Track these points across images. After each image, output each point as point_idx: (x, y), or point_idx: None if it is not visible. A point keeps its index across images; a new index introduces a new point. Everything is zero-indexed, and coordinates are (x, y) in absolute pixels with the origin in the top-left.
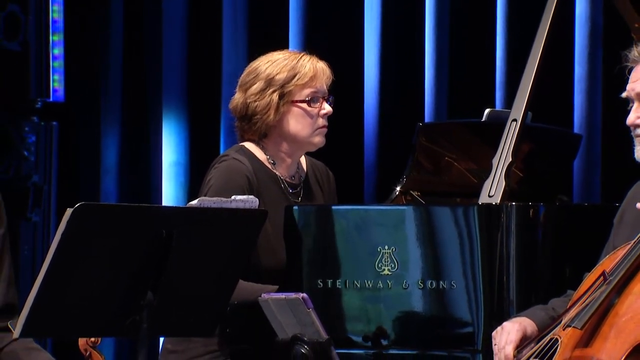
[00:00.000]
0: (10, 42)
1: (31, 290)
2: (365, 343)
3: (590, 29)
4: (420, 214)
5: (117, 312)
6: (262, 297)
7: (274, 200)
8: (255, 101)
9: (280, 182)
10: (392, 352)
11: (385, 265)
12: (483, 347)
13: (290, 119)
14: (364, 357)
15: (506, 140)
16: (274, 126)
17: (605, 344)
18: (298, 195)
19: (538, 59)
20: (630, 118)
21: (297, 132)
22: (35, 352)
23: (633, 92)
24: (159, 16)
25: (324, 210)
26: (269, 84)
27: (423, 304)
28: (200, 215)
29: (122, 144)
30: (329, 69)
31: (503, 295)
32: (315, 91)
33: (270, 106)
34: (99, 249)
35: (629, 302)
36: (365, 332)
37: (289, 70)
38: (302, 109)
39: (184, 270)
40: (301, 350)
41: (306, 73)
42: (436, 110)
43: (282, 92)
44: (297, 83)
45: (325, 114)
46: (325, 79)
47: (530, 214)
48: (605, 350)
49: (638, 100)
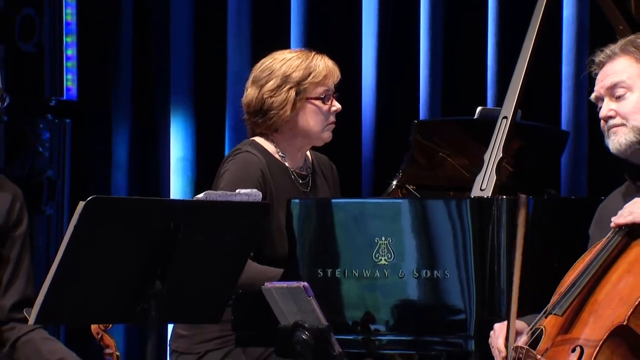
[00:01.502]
0: (26, 44)
1: (45, 279)
2: (363, 329)
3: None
4: (416, 206)
5: (127, 300)
6: (265, 286)
7: (286, 191)
8: (271, 97)
9: (290, 174)
10: (388, 338)
11: (382, 256)
12: (475, 333)
13: (304, 115)
14: (362, 342)
15: (497, 137)
16: (288, 121)
17: (585, 329)
18: (307, 185)
19: (527, 59)
20: (602, 112)
21: (310, 128)
22: (51, 342)
23: (602, 89)
24: (167, 19)
25: (323, 204)
26: (285, 81)
27: (418, 292)
28: (207, 208)
29: (132, 140)
30: (337, 69)
31: (494, 284)
32: (327, 89)
33: (287, 102)
34: (109, 240)
35: (607, 290)
36: (363, 319)
37: (304, 68)
38: (316, 105)
39: (190, 260)
40: (302, 336)
41: (320, 72)
42: (430, 109)
43: (299, 89)
44: (312, 81)
45: (335, 111)
46: (335, 78)
47: None
48: (585, 335)
49: (607, 96)
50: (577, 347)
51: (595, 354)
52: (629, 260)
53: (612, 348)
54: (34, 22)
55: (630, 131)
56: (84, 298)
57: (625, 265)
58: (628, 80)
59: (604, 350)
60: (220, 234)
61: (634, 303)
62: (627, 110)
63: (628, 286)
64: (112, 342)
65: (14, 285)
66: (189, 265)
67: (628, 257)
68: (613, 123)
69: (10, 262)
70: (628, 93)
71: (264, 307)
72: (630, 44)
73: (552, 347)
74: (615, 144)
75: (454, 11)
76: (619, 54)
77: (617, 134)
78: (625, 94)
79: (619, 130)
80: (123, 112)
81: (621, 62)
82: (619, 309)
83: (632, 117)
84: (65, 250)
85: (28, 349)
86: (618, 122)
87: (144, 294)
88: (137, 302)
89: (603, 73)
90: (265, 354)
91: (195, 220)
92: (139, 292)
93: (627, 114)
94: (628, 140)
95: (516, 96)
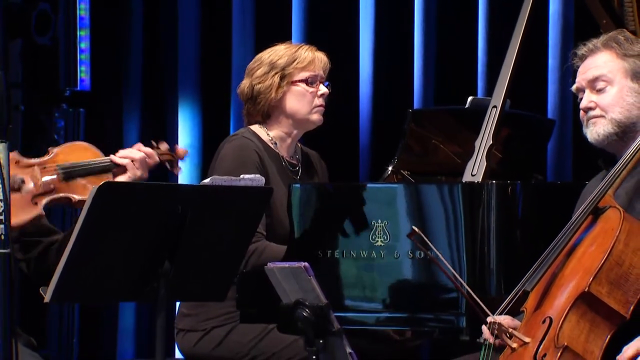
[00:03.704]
0: (41, 38)
1: (60, 260)
2: (360, 307)
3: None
4: (410, 191)
5: (137, 279)
6: (268, 267)
7: (277, 176)
8: (259, 83)
9: (281, 161)
10: (384, 315)
11: (378, 237)
12: (466, 311)
13: (290, 98)
14: (359, 319)
15: (487, 125)
16: (276, 106)
17: (554, 302)
18: (297, 174)
19: (515, 52)
20: (582, 103)
21: (297, 110)
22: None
23: (584, 81)
24: (175, 16)
25: (323, 188)
26: (271, 67)
27: (412, 272)
28: (213, 193)
29: (142, 128)
30: (326, 58)
31: (484, 264)
32: (313, 74)
33: (272, 86)
34: (121, 223)
35: (573, 265)
36: (361, 297)
37: (289, 55)
38: (301, 87)
39: (197, 242)
40: (303, 314)
41: (305, 58)
42: (424, 98)
43: (283, 74)
44: (296, 66)
45: (322, 95)
46: (322, 66)
47: (509, 192)
48: (553, 306)
49: (588, 88)
50: (547, 317)
51: (561, 321)
52: (593, 235)
53: (578, 315)
54: (49, 17)
55: (609, 123)
56: (97, 278)
57: (590, 240)
58: (609, 74)
59: (570, 317)
60: (225, 217)
61: (594, 271)
62: (607, 102)
63: (590, 258)
64: None
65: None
66: (196, 247)
67: (592, 233)
68: (593, 114)
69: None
70: (608, 87)
71: (267, 286)
72: (612, 39)
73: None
74: (594, 134)
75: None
76: (600, 48)
77: (596, 125)
78: (606, 87)
79: (598, 121)
80: (133, 102)
81: (603, 57)
82: (582, 279)
83: (611, 110)
84: (79, 233)
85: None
86: (597, 113)
87: (153, 274)
88: (147, 282)
89: (585, 66)
90: (267, 330)
91: (202, 204)
92: (148, 272)
93: (607, 106)
94: (606, 131)
95: (505, 87)
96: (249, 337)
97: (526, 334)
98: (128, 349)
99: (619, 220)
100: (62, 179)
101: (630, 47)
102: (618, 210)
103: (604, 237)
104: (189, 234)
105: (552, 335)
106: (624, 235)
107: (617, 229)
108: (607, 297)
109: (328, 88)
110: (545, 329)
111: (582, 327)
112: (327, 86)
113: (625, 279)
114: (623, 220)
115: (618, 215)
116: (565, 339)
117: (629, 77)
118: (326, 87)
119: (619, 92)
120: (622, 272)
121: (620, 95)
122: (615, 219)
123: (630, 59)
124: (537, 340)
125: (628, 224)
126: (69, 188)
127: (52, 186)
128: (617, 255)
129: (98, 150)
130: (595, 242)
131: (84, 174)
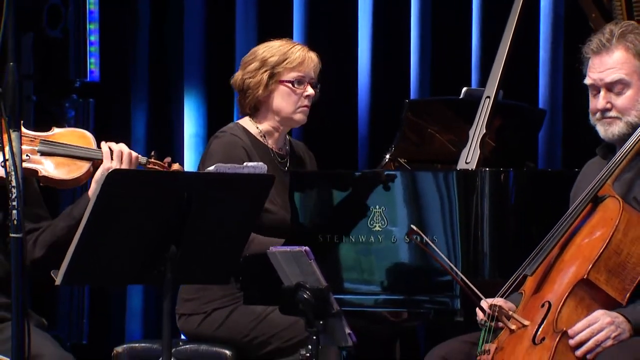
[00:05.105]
0: (52, 30)
1: (71, 245)
2: (359, 289)
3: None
4: (407, 178)
5: (144, 263)
6: (270, 250)
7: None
8: (249, 78)
9: (270, 153)
10: (381, 297)
11: (376, 223)
12: (460, 293)
13: (277, 96)
14: (358, 301)
15: (481, 115)
16: (263, 101)
17: (553, 287)
18: (285, 165)
19: (508, 45)
20: (599, 104)
21: (281, 108)
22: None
23: (601, 82)
24: (181, 10)
25: (324, 175)
26: (262, 64)
27: (409, 256)
28: (217, 180)
29: (149, 118)
30: (317, 59)
31: (478, 249)
32: (302, 75)
33: (261, 83)
34: (128, 208)
35: (572, 251)
36: (359, 280)
37: (281, 54)
38: (288, 88)
39: (202, 227)
40: (304, 296)
41: (295, 59)
42: (420, 89)
43: (272, 73)
44: (286, 66)
45: (308, 96)
46: (312, 67)
47: (502, 179)
48: (553, 291)
49: (604, 88)
50: (546, 302)
51: (560, 306)
52: (592, 224)
53: (576, 300)
54: (60, 11)
55: (625, 125)
56: (105, 261)
57: (589, 228)
58: (627, 77)
59: (568, 302)
60: (229, 203)
61: (593, 259)
62: (624, 105)
63: (589, 246)
64: None
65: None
66: (201, 231)
67: (592, 221)
68: (609, 115)
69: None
70: (625, 89)
71: (269, 269)
72: (625, 38)
73: (526, 306)
74: (609, 133)
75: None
76: (616, 45)
77: (611, 125)
78: (623, 90)
79: (614, 122)
80: (141, 93)
81: (619, 56)
82: (581, 266)
83: (626, 113)
84: (89, 218)
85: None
86: (613, 115)
87: (160, 258)
88: (154, 265)
89: (601, 64)
90: (268, 311)
91: (207, 191)
92: (155, 255)
93: (623, 109)
94: (621, 132)
95: (498, 78)
96: (250, 318)
97: (525, 316)
98: (136, 329)
99: (619, 210)
100: (39, 152)
101: None
102: (617, 200)
103: (603, 226)
104: (194, 219)
105: (550, 320)
106: (623, 224)
107: (616, 219)
108: (605, 284)
109: (317, 89)
110: (544, 313)
111: (579, 313)
112: (317, 87)
113: (622, 267)
114: (622, 210)
115: (617, 205)
116: (563, 323)
117: None
118: (315, 88)
119: (635, 95)
120: (620, 261)
121: (636, 97)
122: (614, 209)
123: None
124: (535, 323)
125: (627, 214)
126: (39, 162)
127: (27, 156)
128: (616, 244)
129: (93, 142)
130: (594, 231)
131: (62, 154)
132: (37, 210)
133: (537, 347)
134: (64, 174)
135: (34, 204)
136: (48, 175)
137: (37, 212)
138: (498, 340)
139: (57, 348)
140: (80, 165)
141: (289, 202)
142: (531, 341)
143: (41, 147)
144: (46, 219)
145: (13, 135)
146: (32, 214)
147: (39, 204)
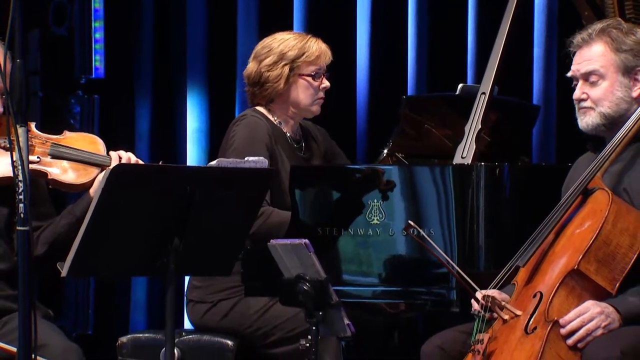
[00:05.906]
0: (58, 28)
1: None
2: (357, 281)
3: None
4: (404, 172)
5: (148, 255)
6: (270, 243)
7: (286, 151)
8: (268, 71)
9: (287, 138)
10: (379, 289)
11: (374, 216)
12: (457, 284)
13: (296, 89)
14: (356, 293)
15: (476, 110)
16: (282, 94)
17: (545, 277)
18: (301, 149)
19: (503, 41)
20: (575, 94)
21: (300, 101)
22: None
23: (578, 72)
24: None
25: (322, 170)
26: (281, 58)
27: (406, 248)
28: (219, 174)
29: (153, 114)
30: (329, 51)
31: (473, 241)
32: (319, 68)
33: (282, 77)
34: (133, 202)
35: (563, 243)
36: (357, 272)
37: (299, 48)
38: (307, 81)
39: (205, 220)
40: (304, 287)
41: (313, 52)
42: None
43: (292, 66)
44: (305, 60)
45: (325, 88)
46: (326, 59)
47: (497, 173)
48: (544, 282)
49: (582, 79)
50: (538, 292)
51: (552, 296)
52: (582, 215)
53: (567, 290)
54: (66, 9)
55: (598, 115)
56: (110, 254)
57: (579, 220)
58: (601, 69)
59: (559, 293)
60: (230, 197)
61: (583, 250)
62: (598, 96)
63: (579, 237)
64: None
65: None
66: (203, 224)
67: (582, 213)
68: (584, 105)
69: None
70: (600, 80)
71: (270, 261)
72: (607, 31)
73: (519, 296)
74: (583, 123)
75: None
76: (595, 39)
77: (586, 115)
78: (598, 81)
79: (588, 112)
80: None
81: (597, 49)
82: (572, 257)
83: (600, 103)
84: (94, 212)
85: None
86: (588, 105)
87: (163, 250)
88: (158, 257)
89: (580, 56)
90: (270, 302)
91: (209, 185)
92: (159, 248)
93: (597, 100)
94: (594, 122)
95: (493, 74)
96: (253, 310)
97: (517, 306)
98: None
99: (608, 202)
100: (49, 155)
101: (624, 41)
102: (607, 192)
103: (593, 218)
104: (197, 213)
105: (542, 309)
106: (612, 216)
107: (605, 210)
108: (595, 274)
109: (328, 79)
110: (536, 303)
111: (570, 302)
112: (328, 77)
113: (612, 257)
114: (611, 202)
115: (607, 197)
116: (555, 313)
117: (620, 72)
118: (329, 80)
119: (610, 87)
120: (610, 252)
121: (611, 89)
122: (604, 201)
123: (622, 54)
124: (527, 313)
125: (616, 206)
126: (50, 164)
127: (37, 158)
128: (605, 235)
129: (103, 148)
130: (584, 222)
131: (72, 159)
132: (45, 209)
133: (529, 336)
134: (73, 178)
135: (41, 203)
136: (57, 178)
137: (44, 210)
138: (492, 330)
139: (63, 338)
140: (89, 171)
141: (289, 197)
142: (523, 330)
143: (52, 151)
144: (52, 217)
145: (20, 130)
146: (40, 213)
147: (47, 204)
